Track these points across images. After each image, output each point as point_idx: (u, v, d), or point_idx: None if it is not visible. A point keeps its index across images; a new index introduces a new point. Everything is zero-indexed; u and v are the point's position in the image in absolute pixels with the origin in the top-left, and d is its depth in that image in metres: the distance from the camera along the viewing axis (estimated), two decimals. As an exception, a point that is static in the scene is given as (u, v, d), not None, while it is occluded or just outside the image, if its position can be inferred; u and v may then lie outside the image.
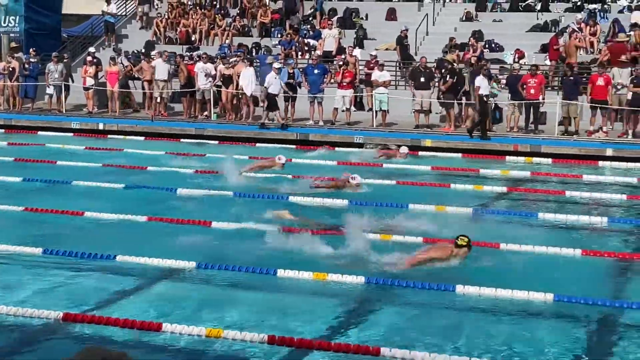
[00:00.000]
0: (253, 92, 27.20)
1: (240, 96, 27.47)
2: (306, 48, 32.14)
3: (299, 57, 31.10)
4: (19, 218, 14.91)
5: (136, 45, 34.76)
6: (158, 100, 28.55)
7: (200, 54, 29.41)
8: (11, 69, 30.16)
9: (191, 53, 31.03)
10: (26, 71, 30.13)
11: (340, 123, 26.52)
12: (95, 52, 31.53)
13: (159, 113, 28.41)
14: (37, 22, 35.72)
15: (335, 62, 29.06)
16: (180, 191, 17.12)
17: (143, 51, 32.61)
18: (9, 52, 32.50)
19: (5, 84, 30.29)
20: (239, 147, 23.71)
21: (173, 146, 23.94)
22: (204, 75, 27.55)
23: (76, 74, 31.23)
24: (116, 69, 29.21)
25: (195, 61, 28.45)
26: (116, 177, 18.55)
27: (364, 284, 11.07)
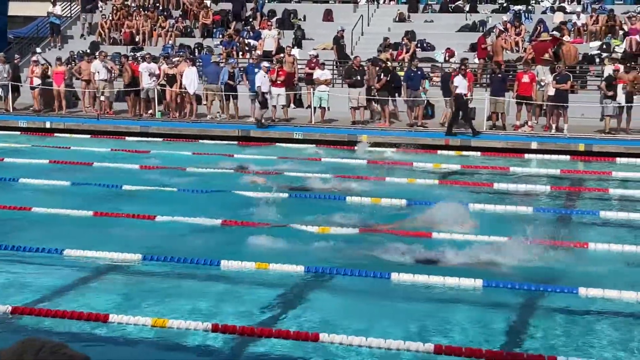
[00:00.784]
0: (196, 91, 27.14)
1: (183, 95, 27.31)
2: (247, 48, 32.06)
3: (240, 57, 31.00)
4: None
5: (81, 46, 34.29)
6: (102, 99, 28.23)
7: (144, 55, 29.13)
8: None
9: (135, 53, 30.72)
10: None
11: (278, 119, 26.52)
12: (41, 53, 31.03)
13: (105, 112, 28.09)
14: (-17, 24, 35.08)
15: (274, 62, 29.02)
16: (125, 187, 16.98)
17: (88, 52, 32.17)
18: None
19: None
20: (183, 144, 23.61)
21: (118, 143, 23.72)
22: (148, 74, 27.33)
23: (23, 74, 30.68)
24: (62, 69, 28.81)
25: (139, 61, 28.19)
26: (63, 174, 18.30)
27: (304, 273, 11.09)
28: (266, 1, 36.73)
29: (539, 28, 29.61)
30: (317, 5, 37.06)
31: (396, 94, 25.96)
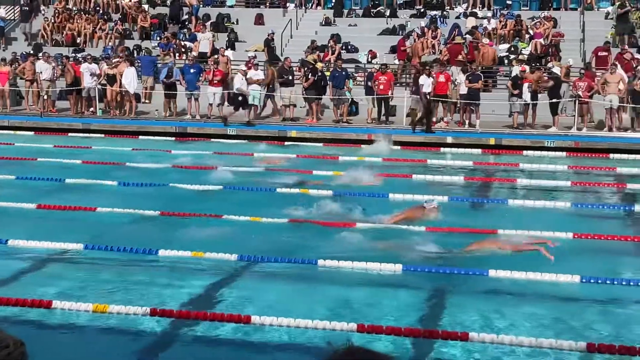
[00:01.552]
0: (135, 90, 26.87)
1: (123, 93, 26.97)
2: (183, 50, 31.78)
3: (177, 58, 30.70)
4: None
5: (25, 47, 33.56)
6: (45, 98, 27.73)
7: (85, 56, 28.74)
8: None
9: (76, 55, 30.20)
10: None
11: (214, 117, 26.35)
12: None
13: (48, 110, 27.59)
14: None
15: (209, 62, 28.81)
16: (68, 180, 16.72)
17: (31, 53, 31.50)
18: None
19: None
20: (123, 140, 23.33)
21: (61, 140, 23.31)
22: (89, 74, 26.96)
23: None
24: (6, 69, 28.18)
25: (80, 62, 27.76)
26: (7, 169, 17.92)
27: (237, 260, 11.08)
28: (201, 5, 36.46)
29: (453, 32, 29.98)
30: (249, 9, 36.99)
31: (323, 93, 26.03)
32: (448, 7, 35.40)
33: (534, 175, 18.66)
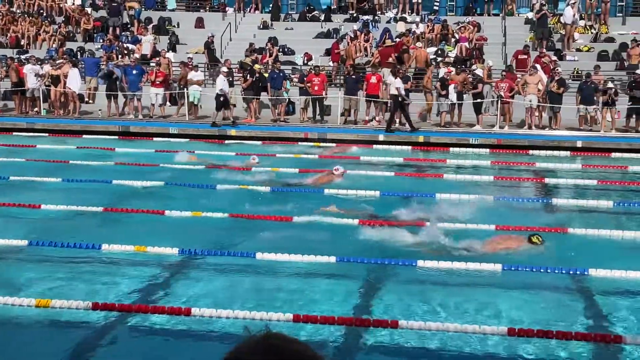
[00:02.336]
0: (79, 91, 26.38)
1: (67, 94, 26.45)
2: (125, 51, 31.27)
3: (119, 60, 30.20)
4: None
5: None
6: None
7: (29, 57, 28.11)
8: None
9: (20, 56, 29.51)
10: None
11: (156, 116, 26.03)
12: None
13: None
14: None
15: (152, 64, 28.47)
16: (12, 178, 16.33)
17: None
18: None
19: None
20: (67, 139, 22.89)
21: (6, 139, 22.74)
22: (34, 75, 26.37)
23: None
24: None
25: (24, 63, 27.14)
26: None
27: (178, 254, 10.97)
28: (143, 9, 35.97)
29: (385, 36, 30.13)
30: (190, 13, 36.63)
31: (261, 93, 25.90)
32: (379, 12, 35.57)
33: (460, 170, 18.90)
